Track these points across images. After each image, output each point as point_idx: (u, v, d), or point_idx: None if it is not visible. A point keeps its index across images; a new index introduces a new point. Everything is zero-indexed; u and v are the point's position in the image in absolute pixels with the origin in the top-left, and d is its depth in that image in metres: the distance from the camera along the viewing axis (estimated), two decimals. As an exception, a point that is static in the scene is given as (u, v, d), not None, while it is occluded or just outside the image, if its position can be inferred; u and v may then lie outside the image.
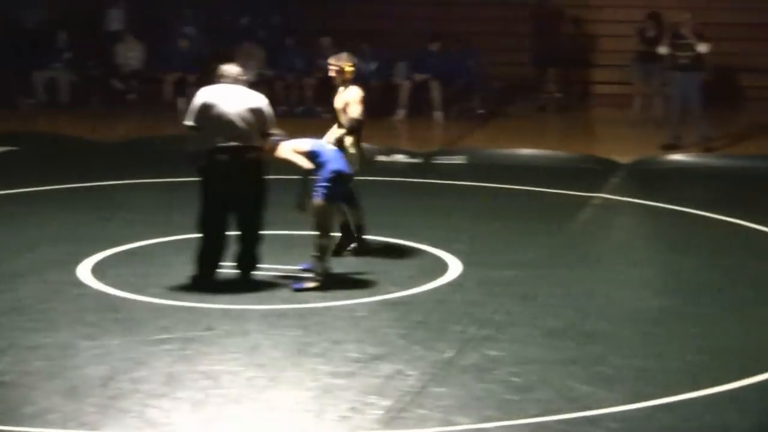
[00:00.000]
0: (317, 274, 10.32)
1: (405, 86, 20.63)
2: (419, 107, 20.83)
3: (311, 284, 10.28)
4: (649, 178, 16.25)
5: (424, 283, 10.66)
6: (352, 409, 7.67)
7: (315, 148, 10.43)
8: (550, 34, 21.46)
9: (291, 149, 10.37)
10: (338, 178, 10.31)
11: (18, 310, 9.69)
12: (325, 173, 10.26)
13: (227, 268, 10.52)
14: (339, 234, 11.27)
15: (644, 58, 19.53)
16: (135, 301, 10.02)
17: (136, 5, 22.59)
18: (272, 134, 10.33)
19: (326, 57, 20.95)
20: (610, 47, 22.00)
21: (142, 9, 22.46)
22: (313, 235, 10.36)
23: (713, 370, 8.54)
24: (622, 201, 14.59)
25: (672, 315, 9.93)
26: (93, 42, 22.49)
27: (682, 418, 7.69)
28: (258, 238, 10.44)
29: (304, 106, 21.13)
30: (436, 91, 20.48)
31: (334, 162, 10.38)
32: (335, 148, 10.83)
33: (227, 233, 10.35)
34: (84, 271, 10.84)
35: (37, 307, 9.77)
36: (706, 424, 7.64)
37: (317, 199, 10.26)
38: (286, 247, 11.39)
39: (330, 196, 10.28)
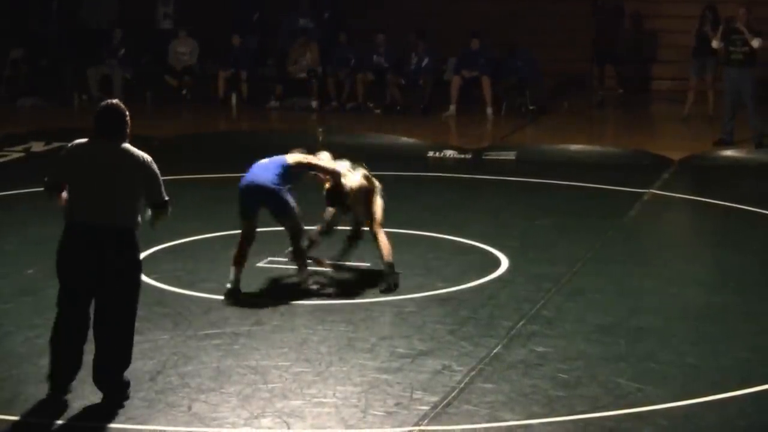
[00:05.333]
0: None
1: (455, 82, 20.61)
2: (470, 103, 20.81)
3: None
4: (701, 174, 16.13)
5: (473, 278, 10.65)
6: (399, 404, 7.68)
7: None
8: (610, 30, 21.36)
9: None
10: None
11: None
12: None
13: (277, 263, 10.55)
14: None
15: (699, 52, 19.38)
16: (184, 296, 10.08)
17: (188, 3, 22.75)
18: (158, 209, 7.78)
19: (381, 53, 21.22)
20: (668, 42, 21.88)
21: (195, 7, 22.61)
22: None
23: (763, 368, 8.47)
24: (673, 197, 14.49)
25: (722, 312, 9.86)
26: (147, 39, 22.68)
27: (731, 416, 7.64)
28: (116, 356, 7.72)
29: (356, 102, 21.16)
30: (486, 88, 20.44)
31: None
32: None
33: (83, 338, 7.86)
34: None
35: (88, 302, 9.84)
36: (755, 422, 7.59)
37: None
38: (337, 242, 11.40)
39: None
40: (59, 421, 7.42)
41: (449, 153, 17.27)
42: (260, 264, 10.97)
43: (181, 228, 12.32)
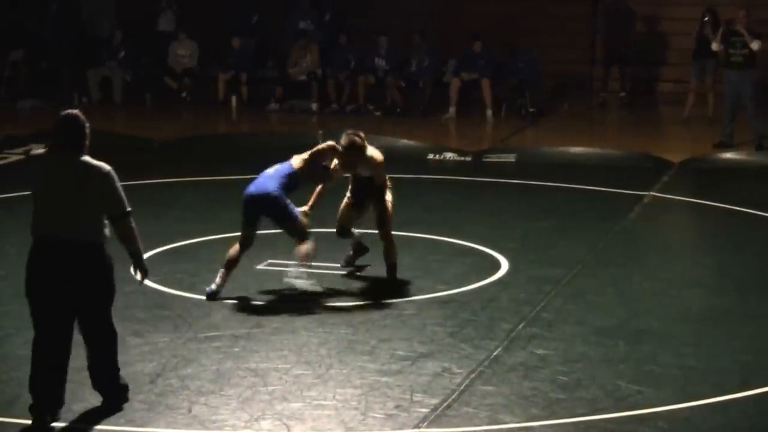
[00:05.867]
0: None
1: (454, 84, 20.61)
2: (469, 105, 20.80)
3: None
4: (701, 177, 16.12)
5: (473, 281, 10.65)
6: (399, 406, 7.68)
7: None
8: (620, 32, 21.36)
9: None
10: None
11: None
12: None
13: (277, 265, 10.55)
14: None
15: (700, 54, 19.38)
16: (184, 298, 10.08)
17: (187, 6, 22.75)
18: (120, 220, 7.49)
19: (381, 55, 21.21)
20: (670, 45, 21.87)
21: (195, 9, 22.61)
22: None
23: (763, 370, 8.47)
24: (673, 199, 14.49)
25: (723, 314, 9.86)
26: (147, 41, 22.69)
27: (732, 419, 7.64)
28: (105, 362, 7.63)
29: (356, 104, 21.16)
30: (486, 90, 20.44)
31: None
32: None
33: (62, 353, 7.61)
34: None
35: (88, 304, 9.83)
36: (755, 425, 7.59)
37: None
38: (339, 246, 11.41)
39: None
40: (59, 424, 7.41)
41: (449, 155, 17.27)
42: (260, 267, 10.98)
43: (181, 230, 12.34)
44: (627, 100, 21.44)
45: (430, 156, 17.23)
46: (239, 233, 10.21)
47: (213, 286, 10.01)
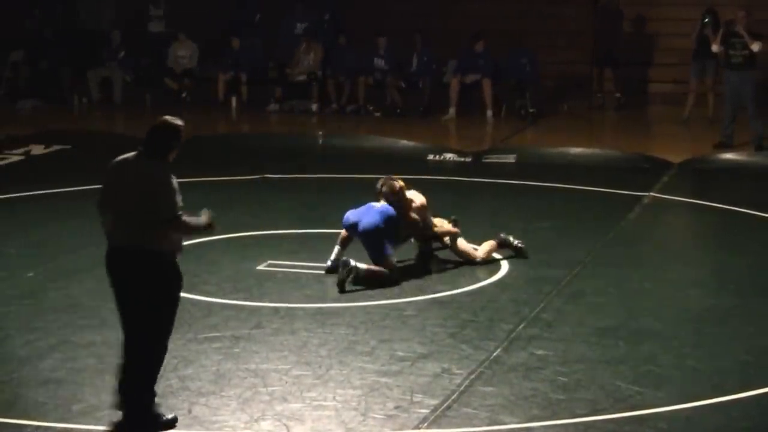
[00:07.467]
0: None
1: (454, 85, 20.61)
2: (469, 106, 20.80)
3: None
4: (701, 177, 16.12)
5: (473, 282, 10.66)
6: (398, 407, 7.68)
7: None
8: (611, 33, 21.36)
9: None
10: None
11: (70, 307, 9.80)
12: None
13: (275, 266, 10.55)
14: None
15: (699, 55, 19.38)
16: (185, 299, 10.02)
17: (187, 6, 22.74)
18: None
19: (381, 56, 21.20)
20: (667, 45, 21.87)
21: (194, 10, 22.61)
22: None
23: (764, 370, 8.47)
24: (673, 200, 14.49)
25: (722, 314, 9.86)
26: (144, 42, 22.69)
27: (733, 419, 7.64)
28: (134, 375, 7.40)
29: (356, 105, 21.16)
30: (486, 90, 20.44)
31: None
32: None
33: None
34: (135, 269, 10.90)
35: (89, 305, 9.86)
36: (756, 425, 7.59)
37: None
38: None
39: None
40: (59, 424, 7.42)
41: (449, 156, 17.26)
42: (260, 267, 10.98)
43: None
44: (623, 101, 21.41)
45: (430, 156, 17.22)
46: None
47: (329, 262, 10.64)
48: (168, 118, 7.47)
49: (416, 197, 11.00)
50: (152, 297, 7.27)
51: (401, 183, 10.83)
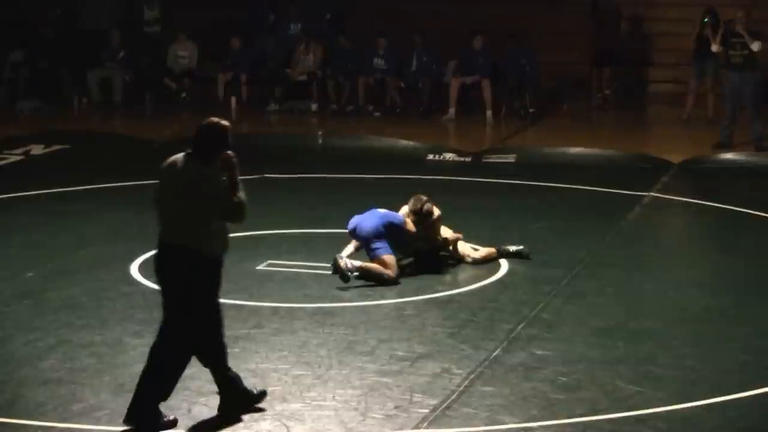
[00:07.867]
0: None
1: (454, 85, 20.61)
2: (469, 106, 20.80)
3: None
4: (700, 177, 16.11)
5: (473, 281, 10.66)
6: (398, 407, 7.69)
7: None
8: (609, 33, 21.37)
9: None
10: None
11: (70, 307, 9.80)
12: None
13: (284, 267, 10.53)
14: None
15: (699, 55, 19.38)
16: (184, 298, 10.06)
17: (186, 6, 22.75)
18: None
19: (382, 56, 21.19)
20: (666, 45, 21.87)
21: (194, 10, 22.61)
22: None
23: (762, 370, 8.48)
24: (673, 200, 14.49)
25: (721, 314, 9.87)
26: (146, 42, 22.69)
27: (731, 418, 7.65)
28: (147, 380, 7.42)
29: (356, 105, 21.16)
30: (486, 90, 20.44)
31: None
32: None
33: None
34: (135, 269, 10.93)
35: (88, 305, 9.87)
36: (755, 425, 7.60)
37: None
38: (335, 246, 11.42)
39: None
40: (59, 424, 7.42)
41: (449, 156, 17.26)
42: (259, 267, 10.99)
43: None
44: (620, 102, 21.38)
45: (430, 156, 17.21)
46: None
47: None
48: (214, 119, 7.50)
49: (445, 232, 11.18)
50: (190, 297, 7.34)
51: (438, 213, 10.92)
